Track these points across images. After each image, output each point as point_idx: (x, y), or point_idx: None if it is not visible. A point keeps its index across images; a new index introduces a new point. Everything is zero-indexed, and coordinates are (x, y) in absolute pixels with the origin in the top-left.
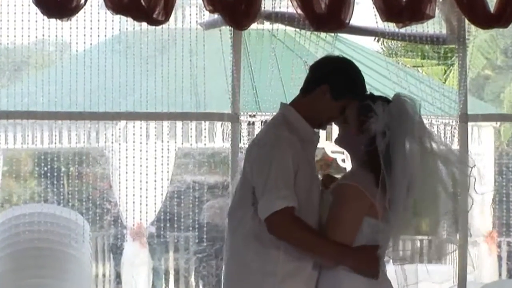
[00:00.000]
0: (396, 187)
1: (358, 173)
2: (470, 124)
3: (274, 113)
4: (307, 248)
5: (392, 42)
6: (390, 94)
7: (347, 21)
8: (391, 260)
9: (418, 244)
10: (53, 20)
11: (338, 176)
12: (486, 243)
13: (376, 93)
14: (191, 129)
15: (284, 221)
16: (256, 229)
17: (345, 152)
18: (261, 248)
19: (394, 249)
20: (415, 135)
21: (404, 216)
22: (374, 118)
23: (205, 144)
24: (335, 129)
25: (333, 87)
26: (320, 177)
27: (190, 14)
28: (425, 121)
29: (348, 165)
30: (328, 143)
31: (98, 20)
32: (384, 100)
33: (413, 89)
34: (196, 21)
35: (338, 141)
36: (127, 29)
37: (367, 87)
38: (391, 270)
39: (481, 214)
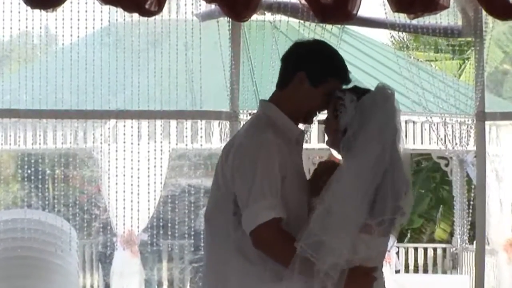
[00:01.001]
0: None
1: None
2: (487, 123)
3: None
4: (287, 264)
5: (403, 34)
6: (400, 90)
7: (355, 12)
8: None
9: (432, 254)
10: (37, 11)
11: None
12: (505, 252)
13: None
14: (186, 128)
15: (271, 234)
16: (239, 242)
17: None
18: (244, 264)
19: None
20: (386, 137)
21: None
22: (343, 111)
23: (201, 145)
24: None
25: (310, 73)
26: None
27: (185, 4)
28: (433, 120)
29: None
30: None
31: (86, 11)
32: (362, 92)
33: (426, 84)
34: (192, 12)
35: (328, 142)
36: (117, 20)
37: (376, 80)
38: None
39: (500, 221)
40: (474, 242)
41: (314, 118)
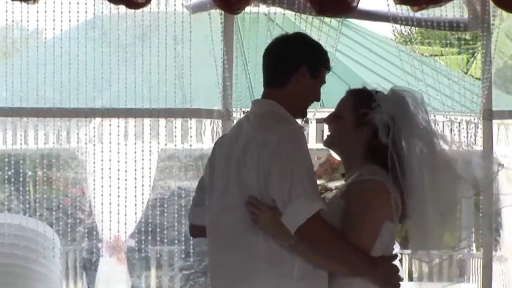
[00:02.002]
0: (413, 191)
1: (373, 168)
2: (495, 121)
3: None
4: (340, 260)
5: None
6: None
7: (355, 4)
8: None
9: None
10: (17, 3)
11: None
12: None
13: (387, 84)
14: (175, 127)
15: (320, 225)
16: (269, 253)
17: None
18: (270, 268)
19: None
20: (422, 133)
21: (423, 226)
22: (378, 109)
23: (190, 145)
24: None
25: (311, 66)
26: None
27: None
28: (436, 118)
29: None
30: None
31: (70, 3)
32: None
33: (430, 80)
34: (182, 4)
35: (330, 142)
36: (102, 13)
37: (377, 75)
38: None
39: (509, 226)
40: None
41: (312, 117)
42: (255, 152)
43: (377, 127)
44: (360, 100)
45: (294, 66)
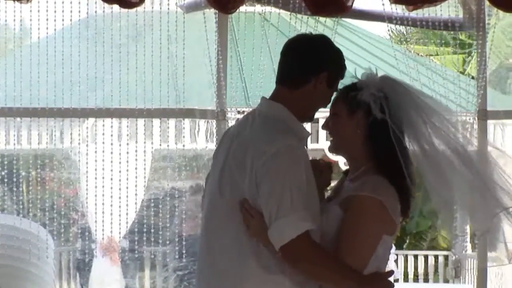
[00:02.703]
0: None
1: (376, 182)
2: (492, 122)
3: None
4: (326, 278)
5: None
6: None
7: (350, 3)
8: None
9: (433, 261)
10: (10, 2)
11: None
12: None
13: None
14: (169, 127)
15: (304, 247)
16: (255, 250)
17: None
18: (262, 273)
19: None
20: (421, 110)
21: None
22: (365, 88)
23: (183, 146)
24: None
25: (331, 73)
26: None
27: None
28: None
29: None
30: (329, 143)
31: (63, 2)
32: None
33: (425, 80)
34: (176, 3)
35: (333, 146)
36: (96, 12)
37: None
38: None
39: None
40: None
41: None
42: (250, 160)
43: (368, 106)
44: (347, 90)
45: (315, 70)
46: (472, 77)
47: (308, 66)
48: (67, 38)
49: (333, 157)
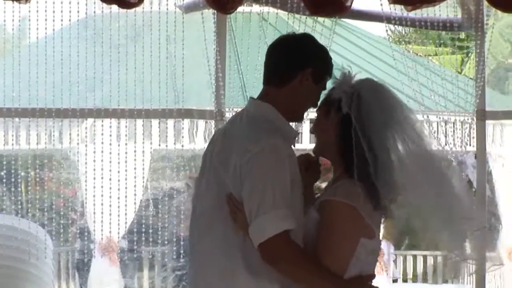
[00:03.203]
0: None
1: (347, 185)
2: (491, 122)
3: None
4: (303, 279)
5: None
6: (396, 86)
7: (349, 4)
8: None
9: (432, 262)
10: (9, 3)
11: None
12: (510, 260)
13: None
14: (168, 128)
15: (282, 246)
16: (242, 247)
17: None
18: (250, 277)
19: None
20: (398, 116)
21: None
22: (337, 84)
23: (182, 146)
24: None
25: (316, 70)
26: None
27: None
28: (430, 118)
29: None
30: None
31: (62, 2)
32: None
33: (423, 80)
34: (175, 4)
35: (316, 149)
36: (94, 12)
37: (371, 75)
38: None
39: (504, 226)
40: None
41: (305, 117)
42: (234, 157)
43: (339, 103)
44: (326, 95)
45: (300, 65)
46: (471, 78)
47: (293, 61)
48: (66, 38)
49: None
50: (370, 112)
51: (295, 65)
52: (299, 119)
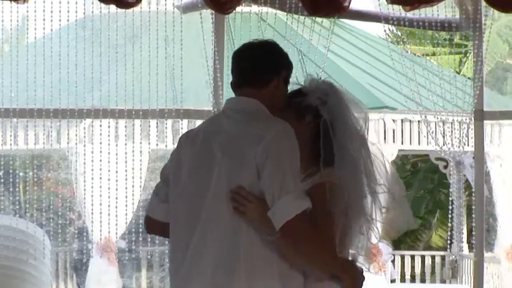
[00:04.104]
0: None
1: (327, 170)
2: (489, 122)
3: None
4: (319, 258)
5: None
6: (394, 85)
7: (347, 4)
8: None
9: (430, 262)
10: (6, 3)
11: None
12: (507, 260)
13: (379, 83)
14: (166, 128)
15: (305, 225)
16: (251, 250)
17: None
18: (256, 273)
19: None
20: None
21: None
22: (310, 93)
23: None
24: None
25: (288, 72)
26: None
27: None
28: (428, 118)
29: None
30: None
31: (60, 2)
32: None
33: (421, 80)
34: (173, 4)
35: None
36: (93, 12)
37: (369, 75)
38: None
39: (504, 226)
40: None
41: None
42: (248, 149)
43: (315, 109)
44: (290, 98)
45: (277, 68)
46: (469, 78)
47: (272, 64)
48: (64, 38)
49: None
50: (338, 116)
51: (274, 69)
52: None
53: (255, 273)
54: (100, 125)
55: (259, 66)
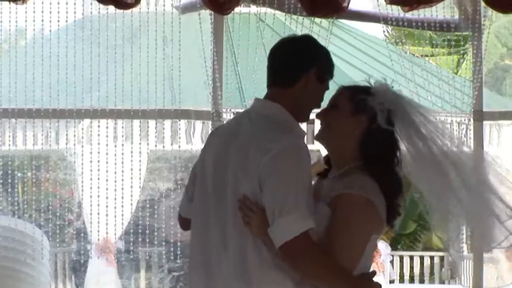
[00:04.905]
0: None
1: (365, 181)
2: (488, 122)
3: None
4: (323, 278)
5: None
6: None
7: (346, 4)
8: None
9: (429, 262)
10: (5, 3)
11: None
12: (507, 260)
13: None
14: (165, 128)
15: (305, 245)
16: (261, 259)
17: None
18: (281, 275)
19: None
20: (420, 126)
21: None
22: (376, 96)
23: (179, 147)
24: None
25: (320, 69)
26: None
27: None
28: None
29: None
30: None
31: (58, 3)
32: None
33: (420, 81)
34: (171, 4)
35: (323, 134)
36: (91, 13)
37: (367, 76)
38: None
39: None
40: None
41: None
42: (254, 158)
43: (375, 114)
44: (355, 91)
45: (305, 66)
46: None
47: (298, 62)
48: (62, 39)
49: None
50: (401, 128)
51: (301, 67)
52: (305, 119)
53: (266, 280)
54: (99, 126)
55: (284, 65)
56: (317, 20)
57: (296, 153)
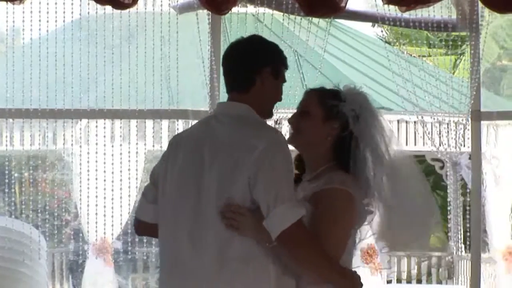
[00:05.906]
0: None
1: (342, 175)
2: (485, 122)
3: None
4: (318, 265)
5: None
6: (390, 86)
7: (343, 4)
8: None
9: (426, 262)
10: (2, 3)
11: None
12: (504, 261)
13: (376, 84)
14: (162, 128)
15: (301, 232)
16: (245, 255)
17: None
18: (280, 274)
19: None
20: (384, 132)
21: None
22: (346, 101)
23: None
24: None
25: (274, 67)
26: None
27: None
28: (424, 119)
29: None
30: None
31: (56, 3)
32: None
33: (417, 81)
34: (169, 4)
35: (296, 138)
36: (88, 13)
37: (365, 76)
38: None
39: (499, 227)
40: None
41: (285, 117)
42: (239, 157)
43: (346, 119)
44: (325, 95)
45: (257, 68)
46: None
47: (249, 67)
48: (59, 39)
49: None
50: (367, 129)
51: (253, 69)
52: (270, 115)
53: (250, 278)
54: (96, 126)
55: (237, 71)
56: (315, 20)
57: (282, 147)
